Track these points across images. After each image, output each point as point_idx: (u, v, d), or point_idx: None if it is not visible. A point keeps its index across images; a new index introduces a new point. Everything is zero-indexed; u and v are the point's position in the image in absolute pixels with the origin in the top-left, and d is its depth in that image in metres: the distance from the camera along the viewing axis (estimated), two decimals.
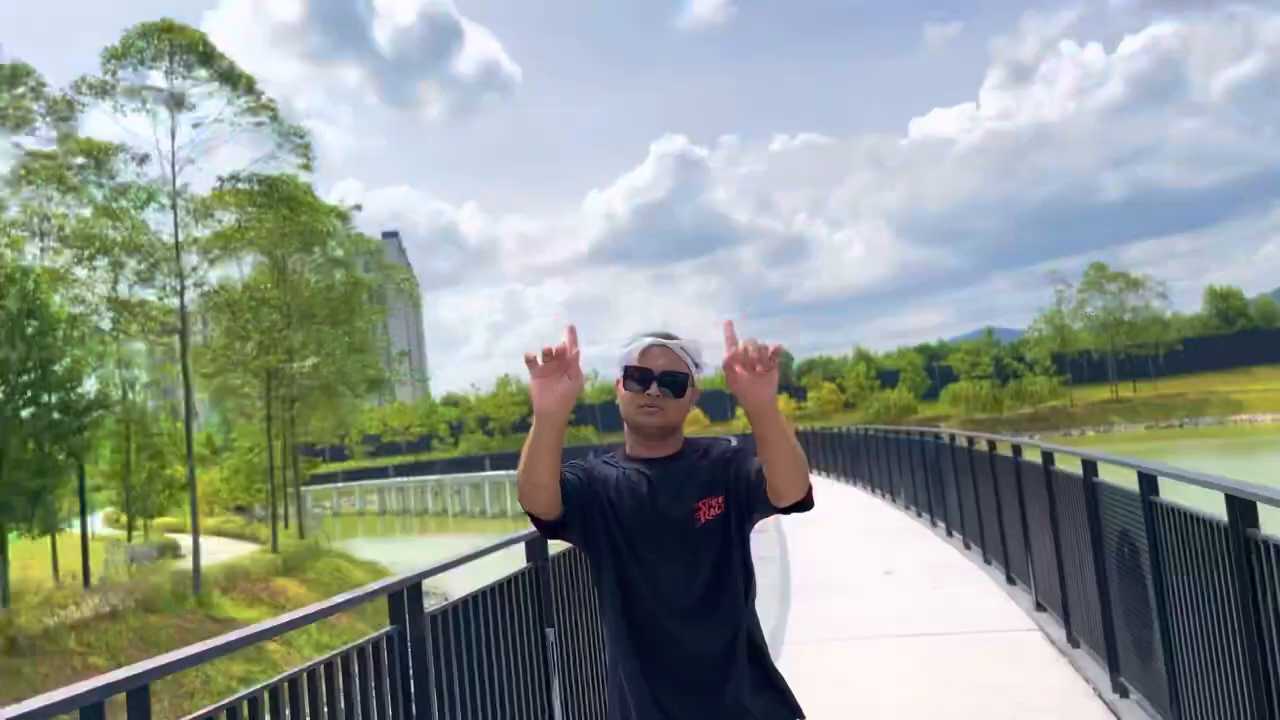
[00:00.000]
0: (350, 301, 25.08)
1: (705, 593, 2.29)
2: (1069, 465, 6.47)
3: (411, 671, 3.01)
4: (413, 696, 2.99)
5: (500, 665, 3.65)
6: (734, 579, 2.31)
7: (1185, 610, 4.23)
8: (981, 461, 9.69)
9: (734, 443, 2.60)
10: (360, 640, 2.82)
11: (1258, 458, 46.78)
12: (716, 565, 2.30)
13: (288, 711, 2.48)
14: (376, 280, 28.51)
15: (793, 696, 2.38)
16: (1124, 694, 5.39)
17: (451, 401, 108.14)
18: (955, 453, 11.38)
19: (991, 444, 9.33)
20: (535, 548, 4.17)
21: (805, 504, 2.22)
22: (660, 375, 2.33)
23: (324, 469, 74.77)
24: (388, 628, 2.99)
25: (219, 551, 24.32)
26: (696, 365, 2.41)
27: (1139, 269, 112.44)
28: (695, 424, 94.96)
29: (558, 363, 2.05)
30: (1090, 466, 5.79)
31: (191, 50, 17.10)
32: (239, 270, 23.25)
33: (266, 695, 2.40)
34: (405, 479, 71.30)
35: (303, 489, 36.96)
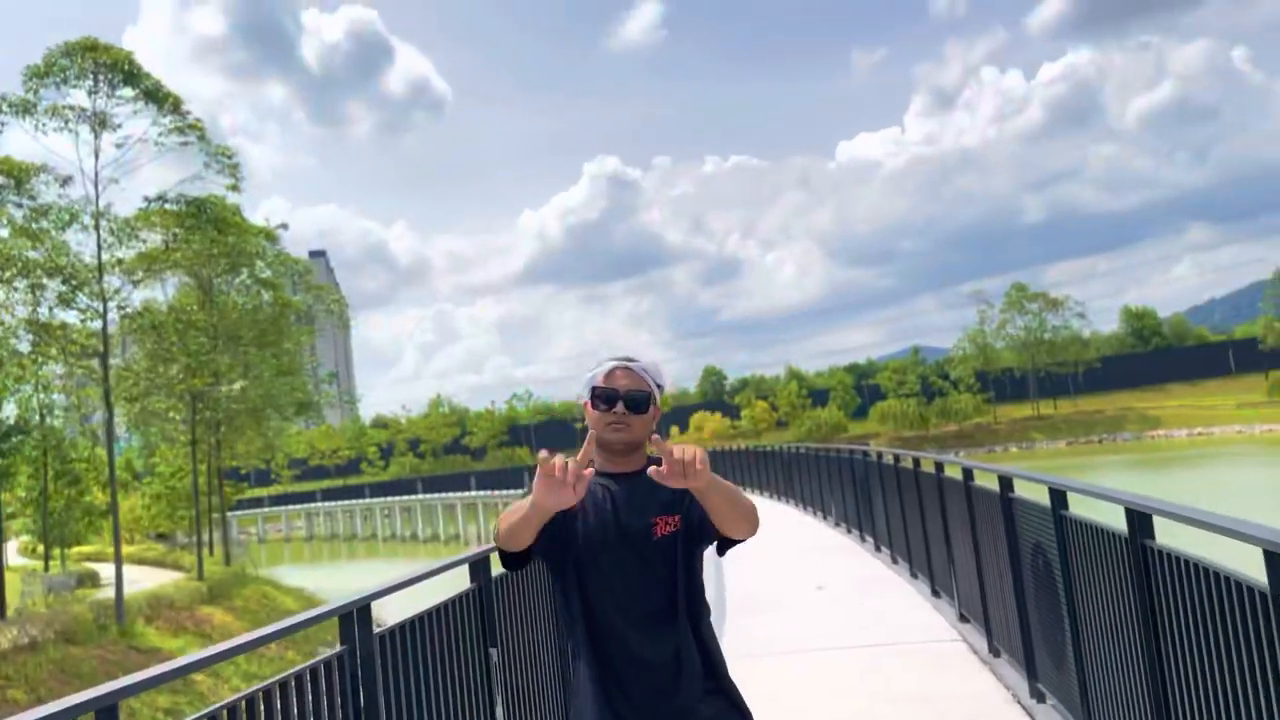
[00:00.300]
0: (278, 323, 24.73)
1: (658, 603, 2.49)
2: (988, 481, 6.77)
3: (361, 691, 3.04)
4: (363, 715, 3.03)
5: (445, 685, 3.68)
6: (684, 592, 2.50)
7: (1092, 617, 4.49)
8: (907, 478, 10.01)
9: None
10: (312, 660, 2.85)
11: (1169, 472, 48.55)
12: (670, 578, 2.50)
13: None
14: (305, 301, 28.17)
15: (745, 705, 2.56)
16: (1041, 699, 5.65)
17: (381, 424, 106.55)
18: (883, 470, 11.72)
19: (916, 461, 9.64)
20: (478, 569, 4.18)
21: (750, 536, 2.48)
22: (625, 395, 2.52)
23: (249, 494, 73.08)
24: (339, 648, 3.02)
25: (141, 579, 23.67)
26: (658, 386, 2.60)
27: (1059, 289, 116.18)
28: None
29: (572, 477, 2.19)
30: (1006, 483, 6.08)
31: (116, 69, 16.83)
32: (164, 293, 22.83)
33: (225, 714, 2.44)
34: (333, 503, 70.03)
35: (228, 515, 36.12)
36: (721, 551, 2.58)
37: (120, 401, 21.93)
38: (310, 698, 2.79)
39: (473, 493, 53.48)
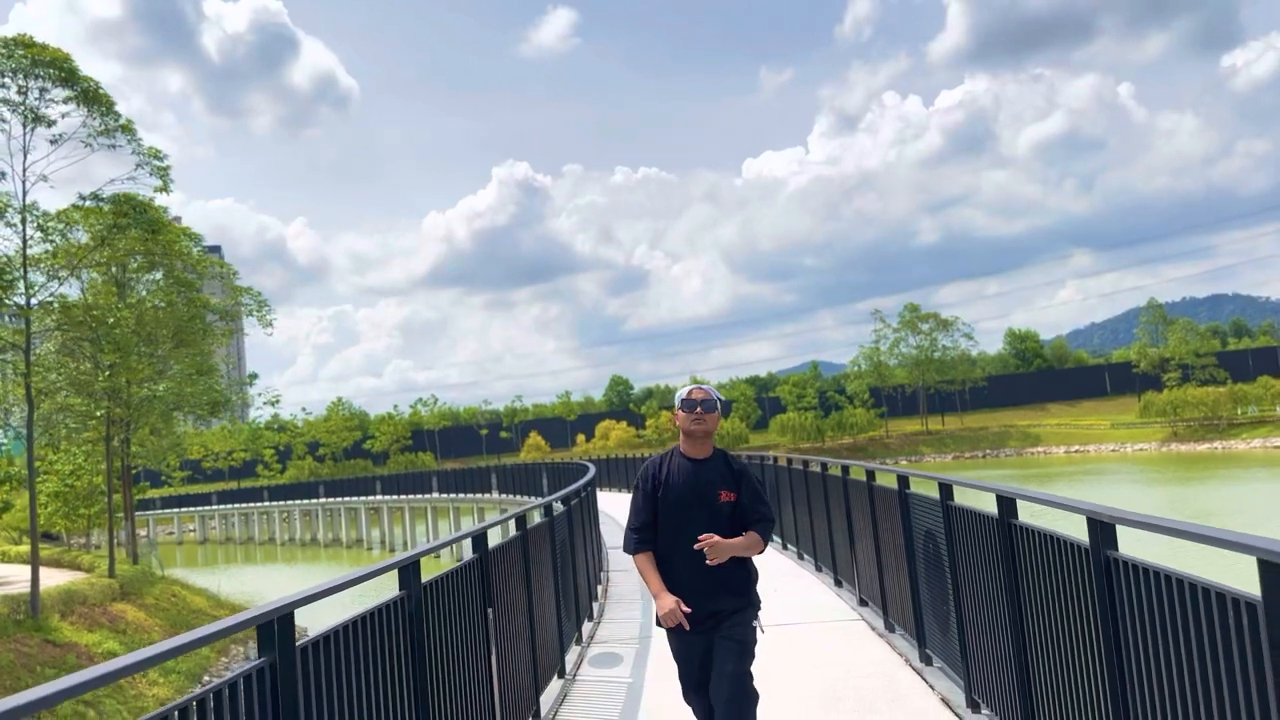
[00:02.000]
0: (194, 323, 24.71)
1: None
2: (887, 481, 7.88)
3: (282, 707, 2.83)
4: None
5: (373, 697, 3.49)
6: (733, 534, 4.22)
7: (971, 590, 5.58)
8: (815, 481, 11.13)
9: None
10: (231, 675, 2.66)
11: (1048, 485, 51.52)
12: (725, 527, 4.20)
13: None
14: (228, 302, 28.07)
15: (758, 600, 4.32)
16: (928, 662, 6.76)
17: (277, 426, 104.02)
18: (792, 475, 12.85)
19: (824, 465, 10.77)
20: (408, 574, 4.03)
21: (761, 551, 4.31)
22: (701, 401, 4.31)
23: (140, 496, 70.92)
24: (257, 660, 2.79)
25: (44, 578, 23.31)
26: (719, 399, 4.39)
27: (950, 309, 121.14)
28: (538, 449, 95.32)
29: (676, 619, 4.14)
30: (904, 481, 7.19)
31: (52, 66, 16.86)
32: (81, 289, 22.59)
33: None
34: (230, 506, 68.51)
35: (121, 516, 35.41)
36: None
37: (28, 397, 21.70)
38: (229, 715, 2.58)
39: (377, 497, 53.22)
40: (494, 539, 5.61)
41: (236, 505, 67.87)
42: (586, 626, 9.06)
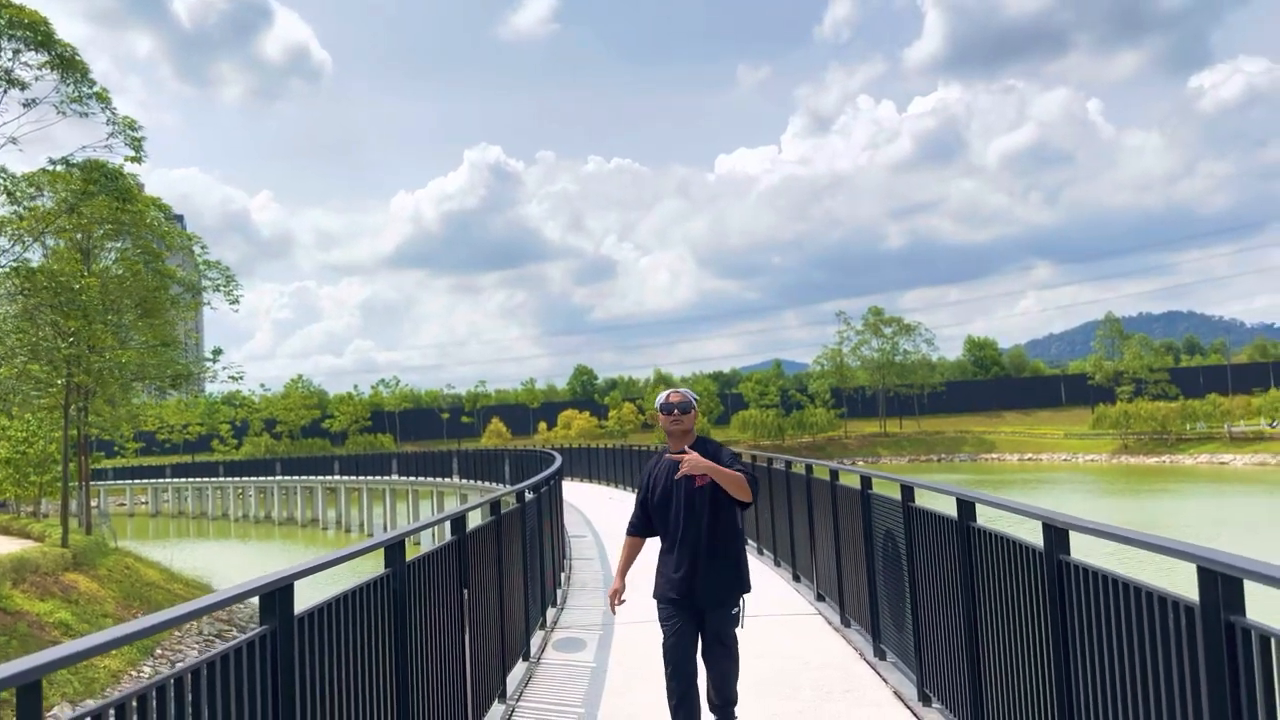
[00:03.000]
0: (159, 294, 24.44)
1: (697, 528, 4.80)
2: (849, 482, 8.12)
3: (280, 672, 3.00)
4: (280, 697, 2.99)
5: (359, 669, 3.65)
6: (708, 523, 4.77)
7: (928, 588, 5.81)
8: (778, 479, 11.36)
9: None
10: (236, 641, 2.82)
11: (998, 489, 52.38)
12: (706, 509, 4.76)
13: (173, 710, 2.45)
14: (191, 277, 27.73)
15: (748, 579, 4.89)
16: (882, 657, 7.01)
17: (234, 401, 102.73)
18: (755, 472, 13.06)
19: (787, 463, 11.00)
20: (394, 553, 4.16)
21: (748, 506, 4.83)
22: (678, 404, 4.90)
23: (94, 466, 69.86)
24: (260, 627, 2.96)
25: None
26: (694, 399, 4.99)
27: (912, 314, 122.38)
28: (500, 436, 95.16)
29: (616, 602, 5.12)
30: (866, 481, 7.42)
31: (29, 29, 16.57)
32: (45, 255, 22.25)
33: (154, 694, 2.35)
34: (184, 480, 67.71)
35: (74, 485, 34.95)
36: (742, 510, 4.90)
37: None
38: (233, 678, 2.74)
39: (335, 477, 52.89)
40: (471, 522, 5.76)
41: (191, 479, 67.09)
42: (550, 612, 9.23)
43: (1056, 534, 3.80)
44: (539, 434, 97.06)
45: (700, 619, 4.78)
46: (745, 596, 4.90)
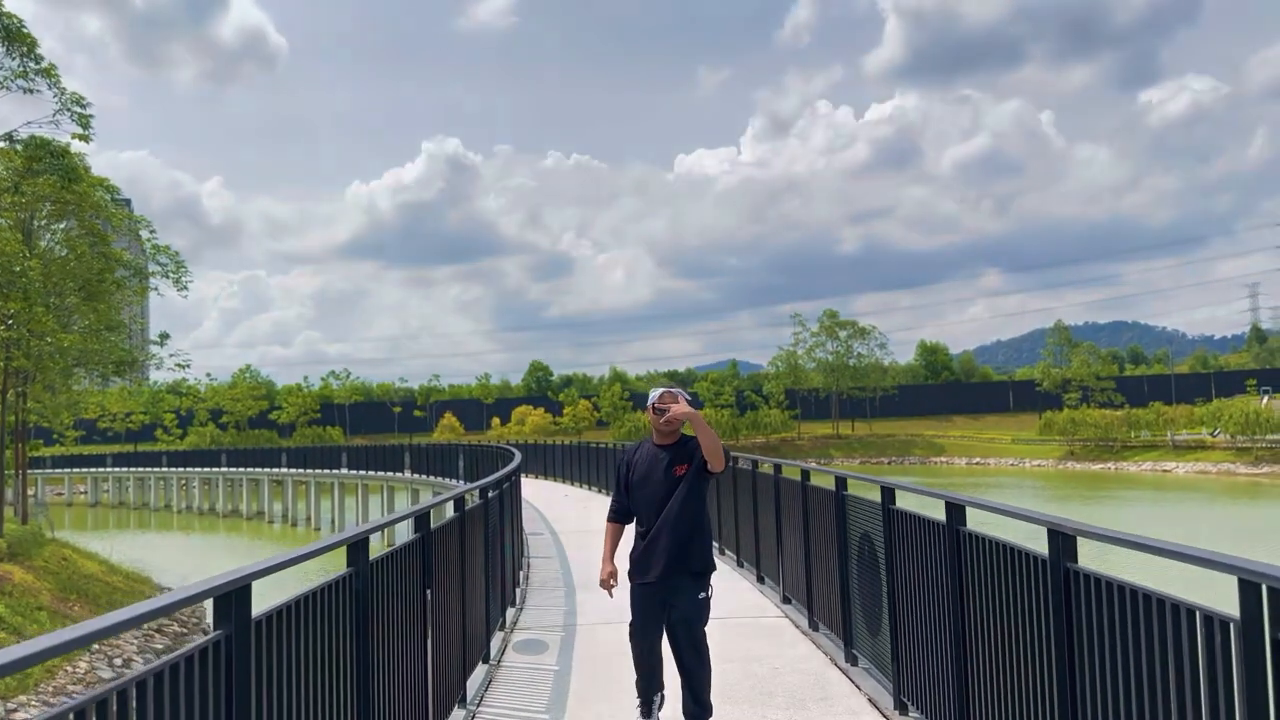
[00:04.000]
0: (105, 276, 23.64)
1: (677, 510, 5.11)
2: (821, 482, 7.93)
3: (236, 681, 2.77)
4: (235, 709, 2.77)
5: (319, 675, 3.43)
6: (680, 507, 5.10)
7: (909, 594, 5.62)
8: (743, 478, 11.15)
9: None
10: (188, 648, 2.57)
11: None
12: (683, 495, 5.10)
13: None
14: (141, 260, 26.86)
15: (713, 569, 5.21)
16: (854, 662, 6.82)
17: (179, 390, 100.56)
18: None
19: (754, 463, 10.80)
20: (356, 551, 3.90)
21: (722, 472, 5.20)
22: (666, 405, 5.16)
23: (33, 453, 67.86)
24: (215, 633, 2.73)
25: None
26: (688, 396, 5.21)
27: (866, 318, 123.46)
28: (453, 430, 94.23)
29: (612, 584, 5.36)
30: (841, 483, 7.23)
31: None
32: None
33: (94, 710, 2.10)
34: (126, 469, 66.06)
35: (7, 474, 33.86)
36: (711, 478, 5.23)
37: None
38: (184, 690, 2.50)
39: (282, 470, 51.86)
40: (435, 517, 5.47)
41: (132, 469, 65.48)
42: (510, 612, 8.94)
43: (1064, 540, 3.62)
44: (493, 430, 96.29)
45: (668, 604, 5.07)
46: (713, 580, 5.23)
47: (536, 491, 24.04)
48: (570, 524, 16.59)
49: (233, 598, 2.76)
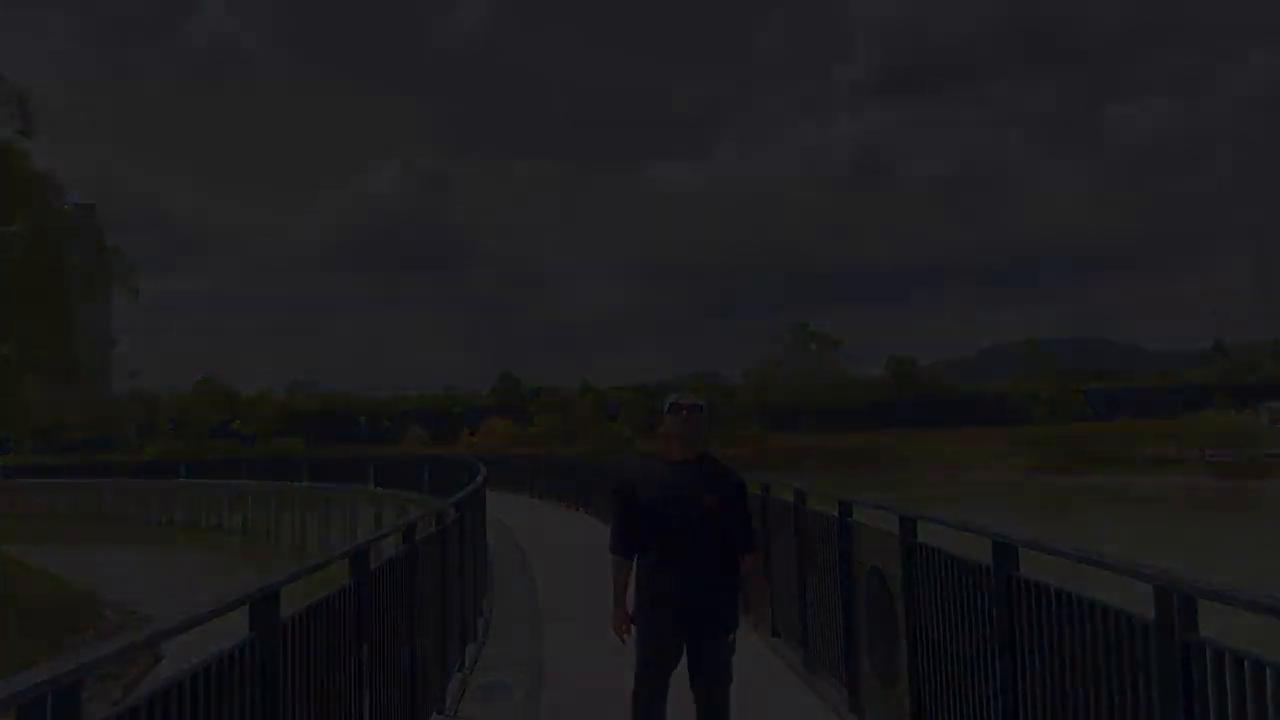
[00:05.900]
0: (54, 279, 22.44)
1: (704, 546, 4.29)
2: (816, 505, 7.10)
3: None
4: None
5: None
6: (718, 543, 4.32)
7: (941, 639, 4.79)
8: None
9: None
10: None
11: (926, 505, 52.44)
12: (712, 532, 4.31)
13: None
14: (93, 266, 25.60)
15: (739, 610, 4.40)
16: (861, 715, 5.97)
17: (139, 397, 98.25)
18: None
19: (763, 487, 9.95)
20: (261, 613, 3.23)
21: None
22: (688, 406, 4.52)
23: None
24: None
25: None
26: (705, 405, 4.61)
27: (838, 331, 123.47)
28: (419, 442, 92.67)
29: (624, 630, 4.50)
30: (845, 508, 6.41)
31: None
32: None
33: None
34: (81, 479, 64.14)
35: None
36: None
37: None
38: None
39: (243, 481, 50.38)
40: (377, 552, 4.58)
41: (88, 479, 63.58)
42: (471, 649, 8.02)
43: (1181, 601, 2.81)
44: (461, 441, 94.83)
45: (684, 650, 4.35)
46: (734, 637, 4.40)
47: (505, 506, 23.09)
48: (541, 545, 15.66)
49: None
